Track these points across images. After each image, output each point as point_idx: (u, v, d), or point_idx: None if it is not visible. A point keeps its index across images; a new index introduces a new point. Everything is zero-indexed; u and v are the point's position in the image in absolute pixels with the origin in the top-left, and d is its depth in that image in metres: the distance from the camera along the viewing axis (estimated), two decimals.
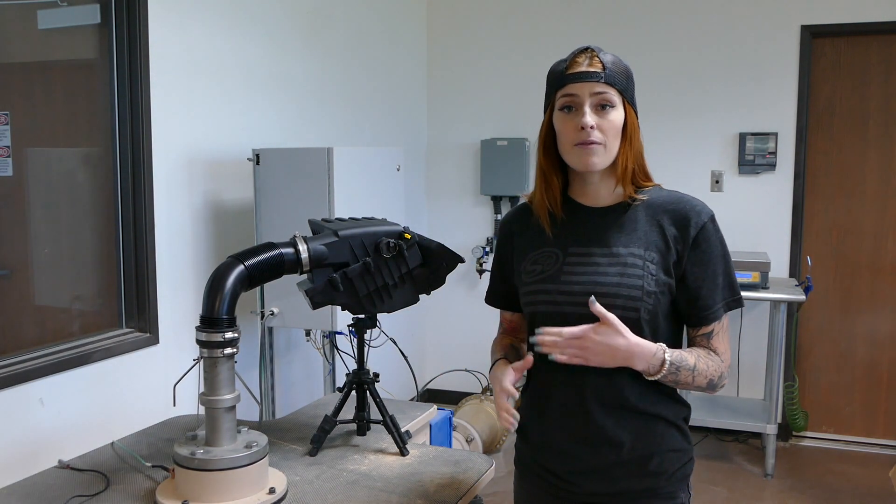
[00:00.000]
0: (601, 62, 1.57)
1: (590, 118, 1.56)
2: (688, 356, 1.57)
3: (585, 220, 1.66)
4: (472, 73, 5.14)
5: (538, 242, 1.70)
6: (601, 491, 1.65)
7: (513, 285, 1.77)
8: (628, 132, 1.60)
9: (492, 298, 1.88)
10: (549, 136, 1.65)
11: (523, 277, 1.70)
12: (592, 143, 1.56)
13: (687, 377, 1.56)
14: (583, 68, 1.57)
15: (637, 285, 1.56)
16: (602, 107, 1.57)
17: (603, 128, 1.57)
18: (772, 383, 4.33)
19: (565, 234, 1.66)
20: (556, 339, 1.52)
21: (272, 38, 3.65)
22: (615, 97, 1.57)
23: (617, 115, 1.58)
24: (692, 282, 1.60)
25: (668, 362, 1.53)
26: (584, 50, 1.60)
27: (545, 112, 1.66)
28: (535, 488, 1.76)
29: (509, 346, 1.82)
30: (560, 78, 1.59)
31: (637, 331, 1.55)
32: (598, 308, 1.50)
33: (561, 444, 1.66)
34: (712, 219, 1.61)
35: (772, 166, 4.57)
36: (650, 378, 1.55)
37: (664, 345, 1.56)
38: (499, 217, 5.07)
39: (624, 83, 1.59)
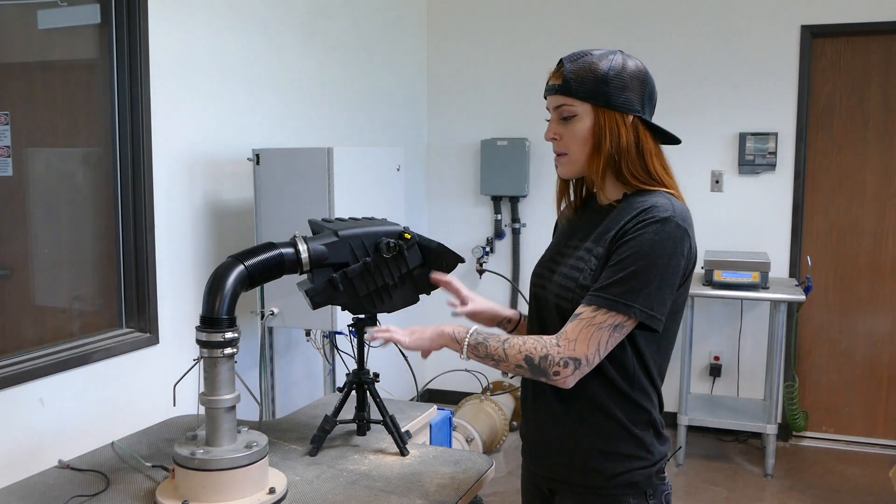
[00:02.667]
0: (562, 74, 1.60)
1: (550, 131, 1.64)
2: (504, 332, 1.70)
3: (588, 216, 1.72)
4: (472, 73, 5.14)
5: (558, 236, 1.81)
6: (551, 476, 1.70)
7: None
8: (597, 136, 1.60)
9: None
10: None
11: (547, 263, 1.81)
12: (558, 154, 1.65)
13: (497, 348, 1.57)
14: (550, 81, 1.63)
15: (573, 277, 1.61)
16: (565, 118, 1.62)
17: (565, 137, 1.62)
18: (772, 383, 4.33)
19: (565, 230, 1.77)
20: (372, 330, 1.76)
21: (272, 38, 3.65)
22: (577, 107, 1.59)
23: (579, 124, 1.60)
24: (608, 265, 1.54)
25: (474, 331, 1.62)
26: (560, 62, 1.63)
27: None
28: (523, 472, 1.86)
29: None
30: (545, 88, 1.67)
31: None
32: (373, 333, 1.76)
33: (528, 430, 1.75)
34: (664, 221, 1.51)
35: (772, 166, 4.58)
36: (460, 352, 1.64)
37: (482, 329, 1.66)
38: (499, 217, 5.07)
39: (589, 88, 1.58)
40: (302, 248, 1.85)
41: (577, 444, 1.63)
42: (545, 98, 1.67)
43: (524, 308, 1.93)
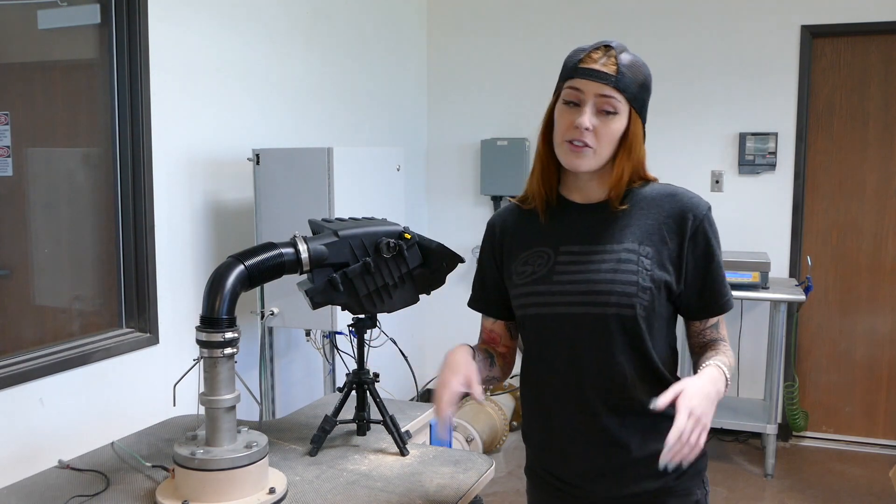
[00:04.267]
0: (616, 64, 1.48)
1: (588, 119, 1.47)
2: (722, 357, 1.53)
3: (576, 217, 1.60)
4: (472, 73, 5.14)
5: (528, 242, 1.63)
6: (615, 494, 1.59)
7: (499, 288, 1.69)
8: (629, 142, 1.52)
9: (477, 302, 1.76)
10: (550, 124, 1.57)
11: (514, 279, 1.62)
12: (584, 145, 1.49)
13: (732, 365, 1.54)
14: (596, 66, 1.47)
15: (631, 281, 1.51)
16: (605, 111, 1.48)
17: (599, 133, 1.49)
18: (772, 383, 4.33)
19: (556, 233, 1.60)
20: (682, 442, 1.33)
21: (272, 38, 3.65)
22: (621, 104, 1.49)
23: (618, 123, 1.50)
24: (699, 273, 1.56)
25: (727, 376, 1.49)
26: (605, 46, 1.50)
27: (553, 97, 1.57)
28: (546, 495, 1.69)
29: (482, 350, 1.72)
30: (571, 69, 1.51)
31: (634, 328, 1.51)
32: (663, 402, 1.37)
33: (566, 448, 1.60)
34: (710, 209, 1.58)
35: (772, 166, 4.57)
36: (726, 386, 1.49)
37: (710, 361, 1.50)
38: None
39: (635, 91, 1.50)
40: (302, 248, 1.85)
41: (643, 451, 1.54)
42: (576, 77, 1.49)
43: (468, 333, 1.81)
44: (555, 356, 1.58)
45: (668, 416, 1.46)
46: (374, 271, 1.91)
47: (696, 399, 1.36)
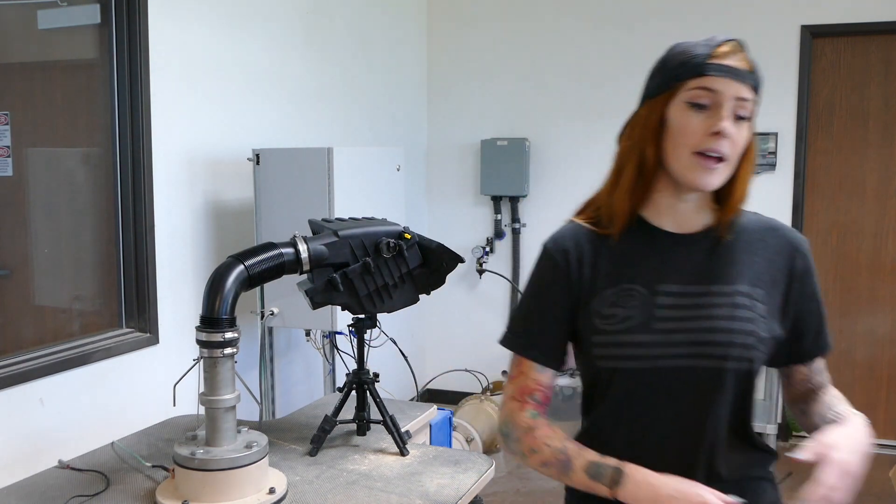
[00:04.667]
0: (749, 62, 1.28)
1: (729, 125, 1.24)
2: (846, 406, 1.40)
3: (670, 249, 1.34)
4: (472, 73, 5.14)
5: (614, 277, 1.34)
6: None
7: (564, 333, 1.39)
8: (750, 154, 1.31)
9: (530, 349, 1.39)
10: (658, 128, 1.30)
11: (597, 324, 1.33)
12: (719, 158, 1.25)
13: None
14: (732, 62, 1.25)
15: (749, 330, 1.29)
16: (740, 117, 1.26)
17: (735, 140, 1.26)
18: (772, 383, 4.33)
19: (649, 267, 1.33)
20: (833, 496, 1.17)
21: (272, 38, 3.65)
22: (755, 107, 1.29)
23: (749, 129, 1.29)
24: (810, 314, 1.42)
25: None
26: (730, 40, 1.28)
27: (651, 97, 1.33)
28: None
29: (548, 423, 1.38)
30: (699, 64, 1.26)
31: (747, 384, 1.33)
32: (810, 454, 1.20)
33: None
34: (810, 245, 1.41)
35: (772, 166, 4.57)
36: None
37: (849, 410, 1.37)
38: (499, 217, 5.06)
39: (757, 95, 1.30)
40: (302, 248, 1.85)
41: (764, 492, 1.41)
42: (709, 75, 1.25)
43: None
44: (648, 414, 1.33)
45: (763, 478, 1.39)
46: (374, 271, 1.91)
47: (850, 457, 1.23)
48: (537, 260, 1.43)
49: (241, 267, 1.78)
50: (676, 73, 1.29)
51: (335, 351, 3.52)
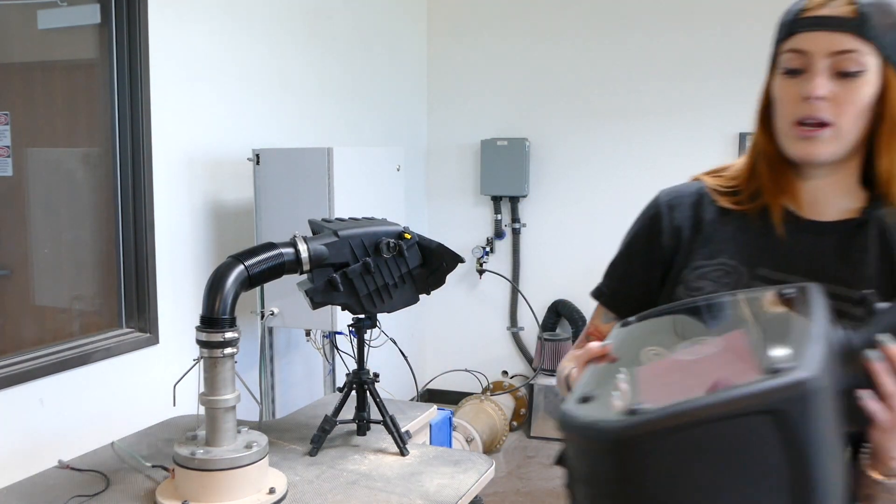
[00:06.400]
0: (855, 3, 1.06)
1: (820, 85, 1.07)
2: None
3: (791, 233, 1.16)
4: (472, 73, 5.14)
5: (713, 249, 1.19)
6: None
7: (646, 287, 1.26)
8: (891, 113, 1.08)
9: (613, 298, 1.30)
10: (767, 108, 1.18)
11: (679, 292, 1.20)
12: (820, 123, 1.08)
13: None
14: (823, 11, 1.07)
15: None
16: (845, 74, 1.07)
17: (840, 101, 1.07)
18: None
19: (755, 248, 1.18)
20: None
21: (272, 38, 3.65)
22: (868, 58, 1.06)
23: (866, 86, 1.07)
24: None
25: None
26: None
27: (769, 72, 1.18)
28: None
29: None
30: (789, 23, 1.11)
31: None
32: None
33: None
34: None
35: None
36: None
37: None
38: (499, 217, 5.05)
39: (891, 38, 1.07)
40: (302, 248, 1.85)
41: None
42: (798, 33, 1.09)
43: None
44: None
45: None
46: (374, 271, 1.92)
47: None
48: (646, 206, 1.30)
49: (241, 267, 1.79)
50: (776, 39, 1.14)
51: (335, 351, 3.52)
